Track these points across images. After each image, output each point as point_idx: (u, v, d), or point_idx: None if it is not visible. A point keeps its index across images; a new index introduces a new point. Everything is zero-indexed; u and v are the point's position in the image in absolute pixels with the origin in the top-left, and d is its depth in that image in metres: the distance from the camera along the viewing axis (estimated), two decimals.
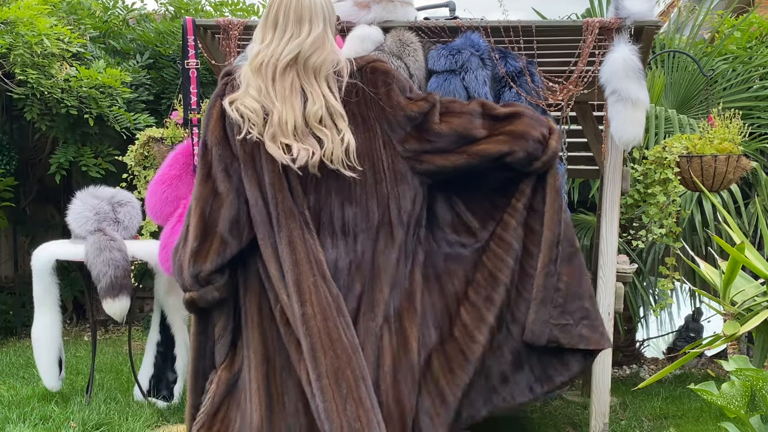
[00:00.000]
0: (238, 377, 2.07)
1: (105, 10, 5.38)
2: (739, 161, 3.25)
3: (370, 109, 2.04)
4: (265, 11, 2.07)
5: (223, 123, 2.04)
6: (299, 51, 1.99)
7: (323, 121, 1.98)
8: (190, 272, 2.00)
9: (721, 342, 2.64)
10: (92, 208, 3.32)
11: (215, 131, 2.04)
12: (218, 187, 2.02)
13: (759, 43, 5.15)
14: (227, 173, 2.02)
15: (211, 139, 2.04)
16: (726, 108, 3.76)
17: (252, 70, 2.02)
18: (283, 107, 1.97)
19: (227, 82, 2.09)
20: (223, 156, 2.03)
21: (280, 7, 2.03)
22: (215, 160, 2.03)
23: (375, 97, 2.04)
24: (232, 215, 2.00)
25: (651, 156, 3.38)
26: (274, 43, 2.01)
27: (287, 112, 1.97)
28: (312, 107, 1.98)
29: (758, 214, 3.77)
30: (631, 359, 4.78)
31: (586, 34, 2.88)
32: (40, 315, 3.28)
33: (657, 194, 3.28)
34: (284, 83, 1.99)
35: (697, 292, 4.60)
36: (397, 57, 2.90)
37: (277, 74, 1.99)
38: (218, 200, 2.02)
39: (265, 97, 1.99)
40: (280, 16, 2.03)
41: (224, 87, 2.08)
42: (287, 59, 1.99)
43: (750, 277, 2.87)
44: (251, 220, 2.02)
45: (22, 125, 5.15)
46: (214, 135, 2.04)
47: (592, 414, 3.04)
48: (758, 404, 2.24)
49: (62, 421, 3.11)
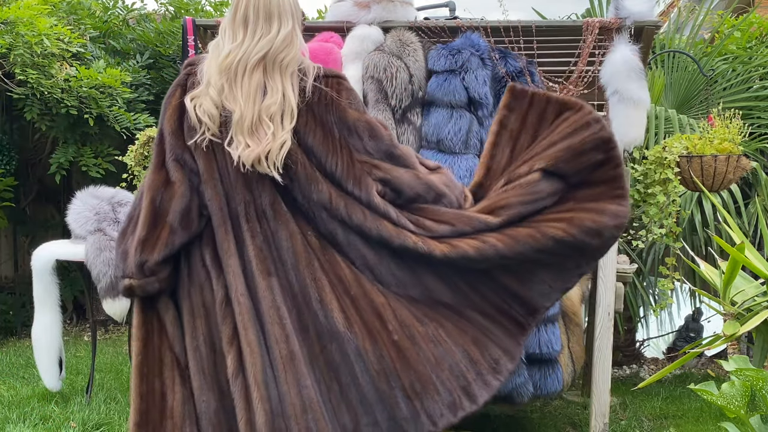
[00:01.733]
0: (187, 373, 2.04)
1: (105, 10, 5.38)
2: (739, 161, 3.25)
3: (329, 112, 2.04)
4: (232, 8, 2.04)
5: (179, 113, 2.03)
6: (269, 48, 1.98)
7: (273, 117, 1.98)
8: (135, 260, 1.97)
9: (721, 342, 2.64)
10: (92, 208, 3.32)
11: (171, 120, 2.02)
12: (171, 176, 2.00)
13: (759, 43, 5.15)
14: (179, 163, 2.00)
15: (166, 128, 2.02)
16: (726, 108, 3.75)
17: (219, 69, 2.00)
18: (246, 105, 1.97)
19: (189, 72, 2.06)
20: (175, 146, 2.00)
21: (248, 4, 2.02)
22: (168, 149, 2.02)
23: (337, 102, 2.03)
24: (183, 206, 1.98)
25: (651, 156, 3.38)
26: (246, 41, 2.00)
27: (248, 109, 1.97)
28: (268, 101, 1.98)
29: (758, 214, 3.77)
30: (631, 359, 4.78)
31: (586, 34, 2.88)
32: (40, 315, 3.28)
33: (657, 194, 3.28)
34: (251, 81, 1.99)
35: (697, 292, 4.60)
36: (397, 57, 2.90)
37: (246, 73, 1.99)
38: (170, 190, 1.99)
39: (226, 98, 1.98)
40: (249, 13, 2.01)
41: (186, 77, 2.06)
42: (257, 57, 1.98)
43: (750, 277, 2.87)
44: (201, 213, 2.01)
45: (22, 125, 5.15)
46: (170, 124, 2.02)
47: (592, 414, 3.04)
48: (758, 404, 2.24)
49: (62, 421, 3.11)
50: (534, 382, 2.91)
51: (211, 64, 2.02)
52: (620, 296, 3.13)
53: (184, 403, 1.96)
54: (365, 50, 2.94)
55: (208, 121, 1.97)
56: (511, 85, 2.19)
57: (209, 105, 1.97)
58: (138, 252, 1.97)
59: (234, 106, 1.97)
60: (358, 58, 2.94)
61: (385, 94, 2.88)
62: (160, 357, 2.01)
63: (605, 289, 3.05)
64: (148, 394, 1.98)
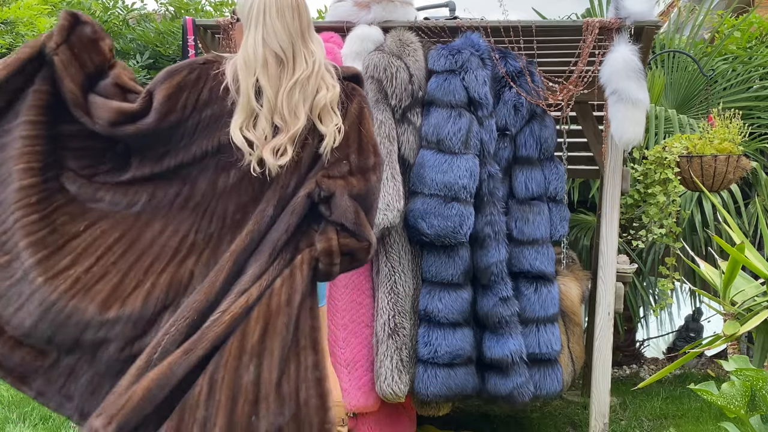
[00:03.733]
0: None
1: (105, 10, 5.38)
2: (739, 161, 3.25)
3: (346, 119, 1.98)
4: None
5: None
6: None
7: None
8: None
9: (721, 342, 2.64)
10: None
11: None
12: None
13: (759, 43, 5.15)
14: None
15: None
16: (726, 108, 3.76)
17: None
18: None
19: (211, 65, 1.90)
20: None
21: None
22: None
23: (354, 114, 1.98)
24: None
25: (651, 156, 3.38)
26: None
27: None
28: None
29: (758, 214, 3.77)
30: (631, 359, 4.79)
31: (586, 34, 2.88)
32: None
33: (657, 194, 3.28)
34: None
35: (697, 292, 4.61)
36: (397, 57, 2.90)
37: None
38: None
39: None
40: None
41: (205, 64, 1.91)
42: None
43: (750, 277, 2.87)
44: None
45: None
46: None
47: (592, 414, 3.04)
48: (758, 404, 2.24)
49: (62, 421, 3.11)
50: (534, 382, 2.91)
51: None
52: (620, 296, 3.13)
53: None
54: (365, 50, 2.94)
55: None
56: None
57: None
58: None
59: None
60: (358, 58, 2.94)
61: (385, 94, 2.88)
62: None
63: (605, 289, 3.05)
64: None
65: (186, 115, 1.75)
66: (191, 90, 1.75)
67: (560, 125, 3.15)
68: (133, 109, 1.74)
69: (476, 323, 2.95)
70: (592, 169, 3.99)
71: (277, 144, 1.73)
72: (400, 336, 2.81)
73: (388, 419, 2.99)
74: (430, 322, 2.84)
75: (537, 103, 2.94)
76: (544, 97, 2.94)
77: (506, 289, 2.88)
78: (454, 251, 2.83)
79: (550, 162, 3.03)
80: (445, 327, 2.83)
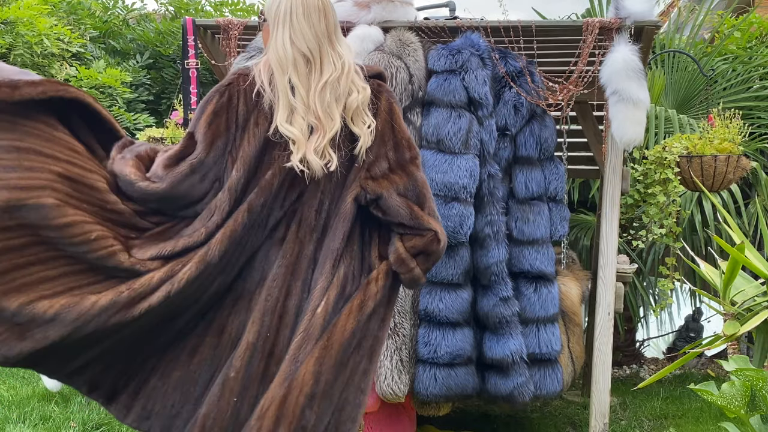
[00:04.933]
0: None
1: (105, 10, 5.38)
2: (739, 161, 3.25)
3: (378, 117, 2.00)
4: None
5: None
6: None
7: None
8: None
9: (721, 342, 2.64)
10: None
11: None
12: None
13: (759, 43, 5.15)
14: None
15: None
16: (726, 108, 3.75)
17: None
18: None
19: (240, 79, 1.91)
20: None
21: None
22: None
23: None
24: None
25: (651, 156, 3.38)
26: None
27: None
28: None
29: (758, 214, 3.77)
30: (631, 359, 4.78)
31: (586, 34, 2.88)
32: None
33: (657, 194, 3.28)
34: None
35: (697, 292, 4.61)
36: (397, 57, 2.89)
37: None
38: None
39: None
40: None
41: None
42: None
43: (750, 277, 2.87)
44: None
45: None
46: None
47: (592, 414, 3.04)
48: (758, 404, 2.24)
49: (62, 421, 3.11)
50: (534, 382, 2.91)
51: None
52: (620, 296, 3.13)
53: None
54: (365, 50, 2.94)
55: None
56: None
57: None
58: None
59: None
60: (358, 58, 2.93)
61: None
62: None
63: (605, 289, 3.05)
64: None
65: (231, 135, 1.77)
66: (228, 111, 1.77)
67: (560, 125, 3.15)
68: (177, 151, 1.78)
69: (476, 323, 2.95)
70: (592, 169, 3.99)
71: (317, 145, 1.75)
72: (400, 336, 2.81)
73: (388, 419, 2.99)
74: (431, 322, 2.84)
75: (537, 103, 2.94)
76: (544, 97, 2.94)
77: (506, 289, 2.88)
78: (454, 251, 2.82)
79: (550, 162, 3.03)
80: (446, 327, 2.83)
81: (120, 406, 1.78)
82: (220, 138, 1.76)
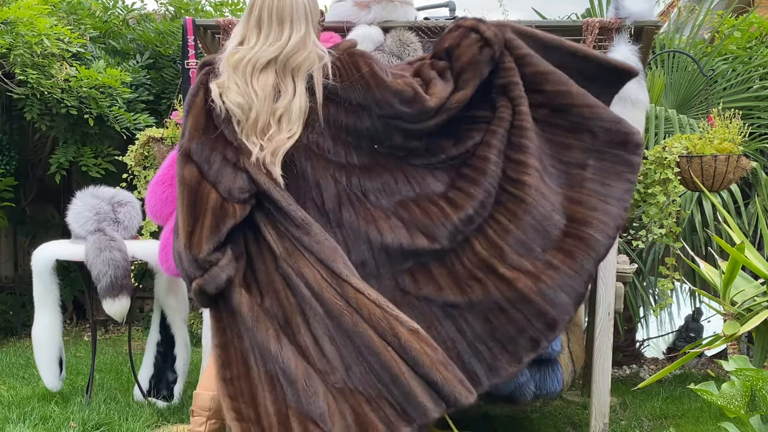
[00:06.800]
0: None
1: (105, 10, 5.38)
2: (739, 161, 3.25)
3: (356, 92, 2.06)
4: (248, 9, 2.09)
5: (207, 108, 2.05)
6: (279, 53, 2.02)
7: (281, 118, 2.00)
8: (188, 258, 1.97)
9: (721, 342, 2.64)
10: (92, 208, 3.32)
11: (197, 118, 2.05)
12: (203, 170, 2.02)
13: (759, 43, 5.14)
14: (210, 157, 2.03)
15: (192, 126, 2.04)
16: (726, 108, 3.75)
17: (231, 67, 2.02)
18: (261, 105, 1.99)
19: (208, 71, 2.10)
20: (204, 142, 2.03)
21: (263, 7, 2.04)
22: (196, 147, 2.03)
23: (360, 79, 2.05)
24: (220, 196, 2.00)
25: (651, 156, 3.38)
26: (257, 45, 2.03)
27: (262, 109, 1.99)
28: (279, 103, 2.00)
29: (758, 214, 3.77)
30: (631, 359, 4.78)
31: (586, 34, 2.88)
32: (40, 315, 3.28)
33: (657, 194, 3.28)
34: (264, 82, 2.01)
35: (697, 292, 4.60)
36: (397, 57, 2.90)
37: (255, 73, 2.01)
38: (204, 183, 2.01)
39: (244, 93, 2.00)
40: (263, 16, 2.04)
41: (206, 76, 2.09)
42: (265, 60, 2.02)
43: (750, 277, 2.87)
44: (245, 198, 2.02)
45: (22, 125, 5.15)
46: (196, 122, 2.04)
47: (592, 414, 3.04)
48: (758, 404, 2.24)
49: (62, 421, 3.11)
50: (534, 382, 2.91)
51: (225, 63, 2.05)
52: (620, 296, 3.13)
53: (276, 402, 1.96)
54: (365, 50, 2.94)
55: (238, 110, 1.99)
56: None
57: (234, 96, 1.99)
58: (187, 249, 1.97)
59: (252, 104, 1.99)
60: None
61: None
62: (244, 359, 2.01)
63: (605, 289, 3.05)
64: (238, 395, 1.98)
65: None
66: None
67: None
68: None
69: None
70: None
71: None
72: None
73: None
74: None
75: None
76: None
77: None
78: None
79: None
80: None
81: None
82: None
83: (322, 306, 1.97)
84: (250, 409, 1.97)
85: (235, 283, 2.00)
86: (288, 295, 2.01)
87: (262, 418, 1.95)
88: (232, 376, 2.00)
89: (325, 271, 1.98)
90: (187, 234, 1.98)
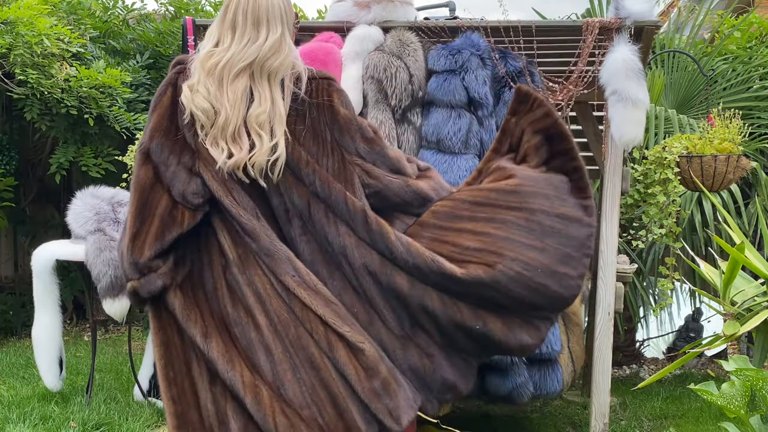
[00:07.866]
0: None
1: (105, 10, 5.38)
2: (739, 161, 3.25)
3: (322, 114, 2.04)
4: (222, 10, 2.04)
5: (171, 111, 2.02)
6: (256, 56, 1.98)
7: (263, 125, 1.98)
8: (128, 260, 1.95)
9: (721, 342, 2.64)
10: (92, 208, 3.32)
11: (161, 119, 2.02)
12: (159, 172, 2.00)
13: (759, 43, 5.15)
14: (166, 160, 2.00)
15: (155, 126, 2.01)
16: (726, 108, 3.76)
17: (206, 71, 1.99)
18: (231, 110, 1.97)
19: (180, 70, 2.05)
20: (164, 144, 2.00)
21: (237, 8, 2.01)
22: (156, 147, 2.01)
23: (329, 104, 2.04)
24: (170, 201, 1.98)
25: (651, 156, 3.38)
26: (233, 47, 1.99)
27: (233, 114, 1.97)
28: (256, 109, 1.98)
29: (758, 214, 3.78)
30: (631, 359, 4.78)
31: (586, 34, 2.88)
32: (40, 315, 3.28)
33: (657, 194, 3.28)
34: (237, 87, 1.98)
35: (697, 292, 4.61)
36: (397, 57, 2.90)
37: (231, 78, 1.98)
38: (157, 187, 1.99)
39: (214, 98, 1.98)
40: (238, 17, 2.00)
41: (176, 75, 2.05)
42: (243, 64, 1.98)
43: (750, 277, 2.87)
44: (197, 205, 1.99)
45: (22, 125, 5.15)
46: (160, 122, 2.02)
47: (592, 414, 3.05)
48: (758, 404, 2.24)
49: (62, 421, 3.11)
50: (534, 382, 2.91)
51: (199, 65, 2.01)
52: (620, 296, 3.13)
53: (215, 401, 1.96)
54: (365, 50, 2.94)
55: (202, 116, 1.97)
56: (518, 88, 2.19)
57: (201, 100, 1.97)
58: (129, 251, 1.96)
59: (220, 108, 1.97)
60: (358, 58, 2.94)
61: (385, 94, 2.88)
62: (185, 358, 2.00)
63: (605, 289, 3.05)
64: (180, 396, 1.98)
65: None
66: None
67: None
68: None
69: None
70: (592, 169, 3.98)
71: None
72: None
73: None
74: None
75: None
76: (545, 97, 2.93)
77: None
78: None
79: None
80: None
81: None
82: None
83: (266, 316, 1.97)
84: (194, 412, 1.98)
85: (171, 286, 1.99)
86: (231, 302, 2.00)
87: (204, 419, 1.96)
88: (175, 374, 1.99)
89: (275, 281, 1.97)
90: (131, 236, 1.95)
